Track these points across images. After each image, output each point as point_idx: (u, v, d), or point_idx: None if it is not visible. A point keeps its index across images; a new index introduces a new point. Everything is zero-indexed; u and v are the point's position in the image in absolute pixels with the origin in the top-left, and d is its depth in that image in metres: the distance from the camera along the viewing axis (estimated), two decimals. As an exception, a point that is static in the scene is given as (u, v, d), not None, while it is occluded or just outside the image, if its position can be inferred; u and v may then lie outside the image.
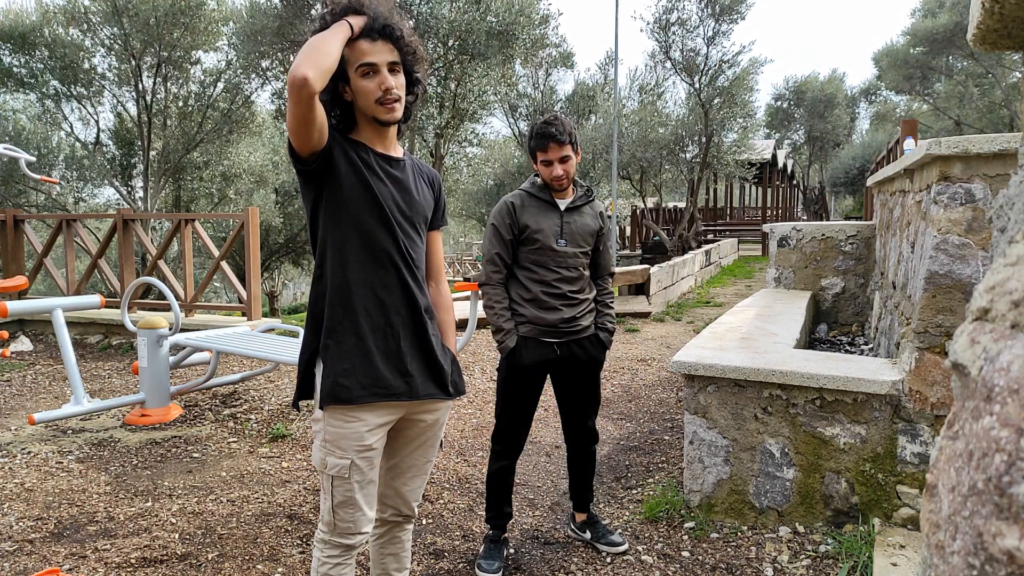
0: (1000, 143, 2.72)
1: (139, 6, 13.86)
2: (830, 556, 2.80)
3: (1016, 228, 0.67)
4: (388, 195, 1.84)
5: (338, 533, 1.86)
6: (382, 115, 1.79)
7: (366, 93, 1.76)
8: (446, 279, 2.12)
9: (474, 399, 5.23)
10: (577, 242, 2.78)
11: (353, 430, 1.81)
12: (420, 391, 1.89)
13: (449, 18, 12.38)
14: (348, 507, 1.84)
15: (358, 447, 1.81)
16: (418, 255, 1.92)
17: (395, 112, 1.80)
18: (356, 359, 1.81)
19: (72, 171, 16.05)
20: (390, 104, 1.77)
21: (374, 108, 1.78)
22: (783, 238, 5.91)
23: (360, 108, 1.80)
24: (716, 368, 3.10)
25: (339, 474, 1.81)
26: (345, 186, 1.79)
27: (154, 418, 4.67)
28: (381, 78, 1.75)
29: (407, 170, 1.92)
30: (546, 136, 2.68)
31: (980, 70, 26.28)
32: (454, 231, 41.05)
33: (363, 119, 1.83)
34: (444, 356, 1.97)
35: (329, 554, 1.88)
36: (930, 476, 0.56)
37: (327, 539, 1.88)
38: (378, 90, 1.75)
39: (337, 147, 1.78)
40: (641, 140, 19.08)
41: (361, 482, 1.83)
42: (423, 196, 1.95)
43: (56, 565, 2.82)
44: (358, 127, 1.85)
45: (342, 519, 1.84)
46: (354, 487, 1.82)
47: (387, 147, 1.89)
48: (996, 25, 0.72)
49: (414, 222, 1.90)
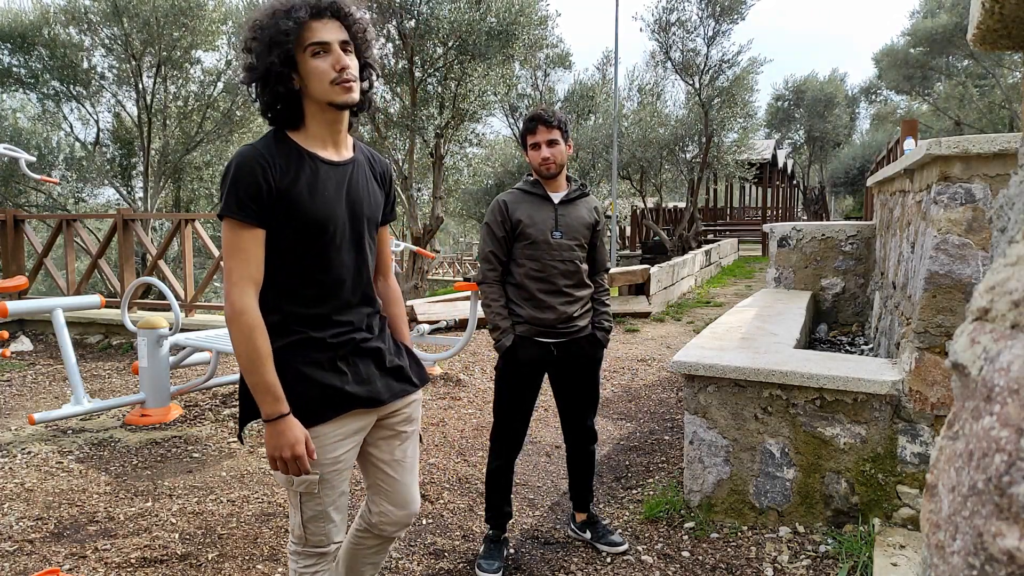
0: (1000, 143, 2.72)
1: (139, 6, 13.86)
2: (830, 556, 2.80)
3: (1016, 228, 0.67)
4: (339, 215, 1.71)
5: (311, 545, 1.79)
6: (339, 96, 1.61)
7: (319, 74, 1.59)
8: (393, 273, 2.04)
9: (474, 399, 5.23)
10: (573, 235, 2.77)
11: (319, 444, 1.69)
12: (383, 394, 1.80)
13: (449, 18, 12.38)
14: (319, 521, 1.76)
15: (326, 460, 1.71)
16: (370, 260, 1.82)
17: (352, 93, 1.62)
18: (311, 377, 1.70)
19: (72, 171, 16.05)
20: (347, 83, 1.60)
21: (329, 90, 1.60)
22: (783, 238, 5.91)
23: (313, 94, 1.62)
24: (716, 368, 3.10)
25: (308, 490, 1.71)
26: (295, 226, 1.65)
27: (154, 418, 4.67)
28: (335, 57, 1.59)
29: (356, 170, 1.77)
30: (535, 119, 2.73)
31: (980, 70, 26.29)
32: (454, 231, 41.05)
33: (314, 109, 1.66)
34: (399, 354, 1.89)
35: (304, 564, 1.81)
36: (930, 476, 0.56)
37: (300, 551, 1.80)
38: (332, 70, 1.59)
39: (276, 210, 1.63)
40: (641, 140, 19.07)
41: (331, 495, 1.75)
42: (373, 198, 1.81)
43: (56, 565, 2.82)
44: (306, 123, 1.67)
45: (313, 533, 1.76)
46: (324, 501, 1.74)
47: (337, 145, 1.73)
48: (996, 25, 0.72)
49: (363, 229, 1.78)
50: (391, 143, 14.27)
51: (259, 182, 1.58)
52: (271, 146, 1.63)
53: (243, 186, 1.57)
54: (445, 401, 5.17)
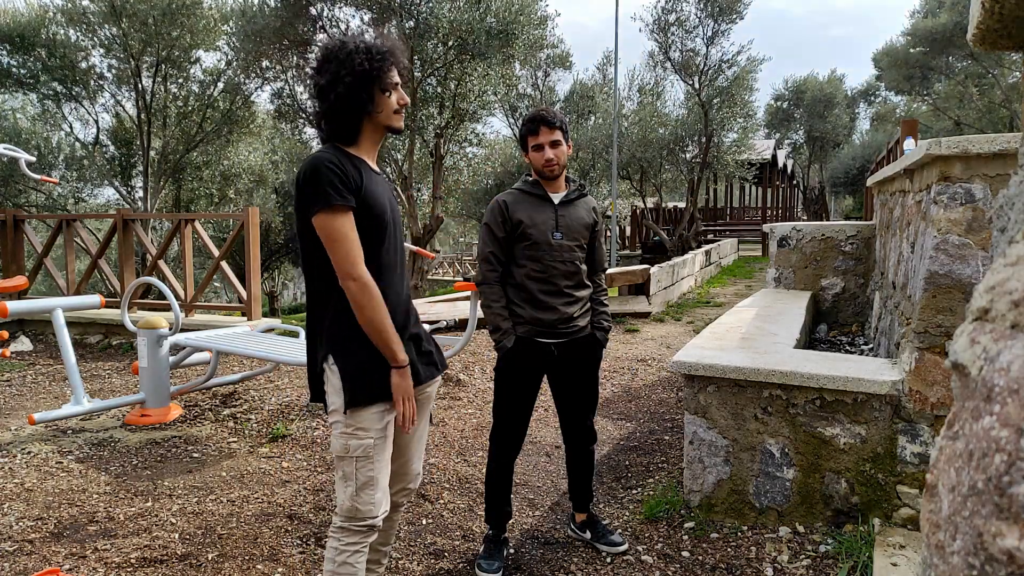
0: (1000, 143, 2.72)
1: (138, 5, 13.86)
2: (830, 556, 2.80)
3: (1016, 228, 0.67)
4: (388, 209, 2.08)
5: (359, 518, 2.00)
6: (397, 123, 2.08)
7: (388, 106, 2.05)
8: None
9: (474, 399, 5.23)
10: (572, 235, 2.78)
11: (372, 412, 2.00)
12: (423, 376, 2.13)
13: (449, 18, 12.37)
14: (370, 488, 1.99)
15: (378, 428, 2.00)
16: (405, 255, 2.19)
17: (403, 123, 2.11)
18: (371, 363, 2.00)
19: (72, 171, 16.05)
20: (401, 114, 2.10)
21: (392, 118, 2.07)
22: (783, 238, 5.91)
23: (378, 120, 2.05)
24: (716, 368, 3.10)
25: (364, 454, 1.98)
26: (369, 204, 2.01)
27: (154, 418, 4.67)
28: (399, 94, 2.08)
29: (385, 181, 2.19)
30: (537, 119, 2.72)
31: (980, 70, 26.28)
32: (453, 231, 41.03)
33: (371, 130, 2.07)
34: (429, 340, 2.23)
35: (348, 541, 2.02)
36: (930, 476, 0.56)
37: (346, 526, 2.01)
38: (396, 104, 2.07)
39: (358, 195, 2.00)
40: (641, 140, 19.08)
41: (381, 461, 2.01)
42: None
43: (56, 565, 2.82)
44: (359, 141, 2.07)
45: (363, 502, 1.99)
46: (375, 466, 1.99)
47: (374, 160, 2.13)
48: (996, 25, 0.72)
49: (400, 225, 2.17)
50: (391, 143, 14.28)
51: (345, 174, 1.94)
52: (338, 152, 1.99)
53: (335, 179, 1.92)
54: (445, 401, 5.17)
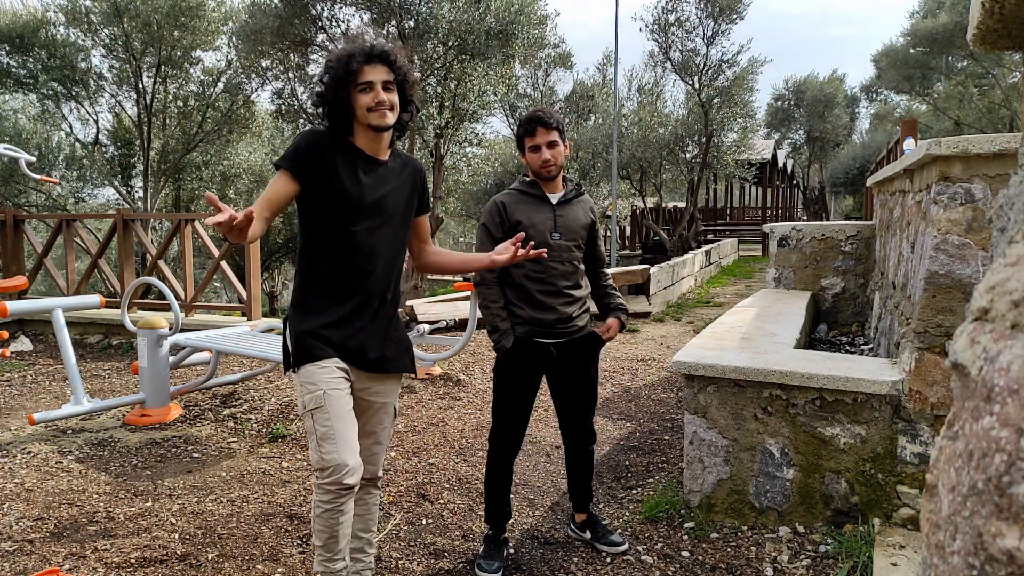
0: (1000, 143, 2.72)
1: (139, 6, 13.86)
2: (830, 556, 2.80)
3: (1016, 228, 0.67)
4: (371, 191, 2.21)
5: (328, 473, 2.07)
6: (373, 120, 2.16)
7: (361, 105, 2.16)
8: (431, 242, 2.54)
9: (474, 399, 5.23)
10: (571, 235, 2.78)
11: (322, 367, 2.15)
12: (384, 365, 2.26)
13: (449, 18, 12.37)
14: (331, 439, 2.07)
15: (326, 380, 2.13)
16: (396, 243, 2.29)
17: (385, 118, 2.16)
18: (316, 324, 2.17)
19: (72, 171, 16.05)
20: (380, 111, 2.15)
21: (366, 115, 2.16)
22: (783, 238, 5.91)
23: (357, 117, 2.18)
24: (716, 368, 3.10)
25: (316, 404, 2.09)
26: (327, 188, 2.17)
27: (154, 418, 4.67)
28: (375, 93, 2.14)
29: (389, 170, 2.28)
30: (533, 120, 2.72)
31: (980, 70, 26.27)
32: (454, 231, 41.01)
33: (359, 126, 2.22)
34: (405, 339, 2.34)
35: (321, 499, 2.10)
36: (930, 476, 0.56)
37: (321, 483, 2.09)
38: (371, 102, 2.14)
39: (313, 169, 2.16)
40: (641, 140, 19.07)
41: (336, 413, 2.10)
42: (401, 192, 2.30)
43: (56, 565, 2.82)
44: (355, 133, 2.23)
45: (327, 451, 2.07)
46: (330, 415, 2.08)
47: (376, 152, 2.24)
48: (996, 25, 0.72)
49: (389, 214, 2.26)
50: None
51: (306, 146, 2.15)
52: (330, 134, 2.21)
53: (293, 146, 2.18)
54: (445, 401, 5.17)
